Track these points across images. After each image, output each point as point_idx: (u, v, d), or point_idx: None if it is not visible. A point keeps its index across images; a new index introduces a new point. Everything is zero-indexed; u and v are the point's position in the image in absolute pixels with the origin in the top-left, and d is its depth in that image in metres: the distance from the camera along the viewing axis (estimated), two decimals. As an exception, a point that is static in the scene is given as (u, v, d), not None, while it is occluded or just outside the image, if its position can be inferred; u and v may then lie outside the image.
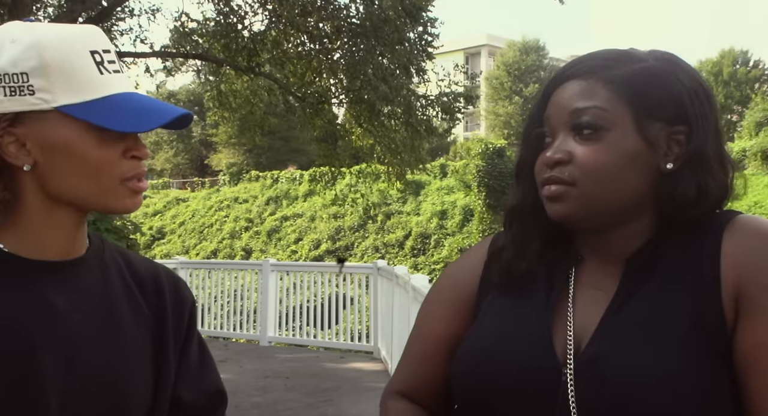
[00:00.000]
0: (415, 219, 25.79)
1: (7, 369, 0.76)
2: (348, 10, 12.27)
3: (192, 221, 31.32)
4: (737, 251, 0.78)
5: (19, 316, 0.78)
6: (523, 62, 38.31)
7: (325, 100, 12.88)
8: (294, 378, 5.86)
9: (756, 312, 0.75)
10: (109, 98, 0.80)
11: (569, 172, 0.81)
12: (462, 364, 0.88)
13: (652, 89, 0.82)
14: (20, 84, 0.76)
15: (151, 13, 13.41)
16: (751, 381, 0.74)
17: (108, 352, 0.84)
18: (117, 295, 0.88)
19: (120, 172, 0.81)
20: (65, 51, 0.78)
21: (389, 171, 13.81)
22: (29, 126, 0.78)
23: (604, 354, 0.78)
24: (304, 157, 33.60)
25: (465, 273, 0.96)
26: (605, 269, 0.85)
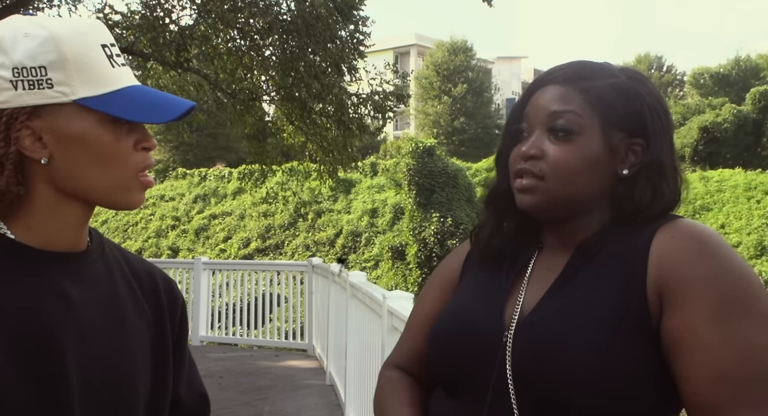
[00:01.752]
0: (346, 218, 25.82)
1: (31, 350, 0.77)
2: (279, 6, 12.17)
3: (115, 219, 30.29)
4: (663, 249, 0.89)
5: (37, 302, 0.79)
6: (452, 62, 38.89)
7: (256, 96, 12.72)
8: (228, 377, 5.81)
9: (677, 301, 0.86)
10: (122, 91, 0.82)
11: (540, 167, 0.93)
12: (430, 333, 1.00)
13: (620, 103, 0.94)
14: (39, 77, 0.77)
15: (72, 4, 12.91)
16: (677, 363, 0.85)
17: (113, 344, 0.86)
18: (119, 289, 0.90)
19: (133, 163, 0.84)
20: (81, 45, 0.80)
21: (321, 169, 13.78)
22: (46, 119, 0.79)
23: (540, 321, 0.90)
24: (233, 154, 33.05)
25: (452, 261, 1.09)
26: (561, 254, 0.97)
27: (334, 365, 5.49)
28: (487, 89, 39.19)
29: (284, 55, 12.19)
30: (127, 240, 28.81)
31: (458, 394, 0.95)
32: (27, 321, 0.79)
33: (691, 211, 19.93)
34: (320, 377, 5.92)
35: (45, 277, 0.82)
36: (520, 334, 0.90)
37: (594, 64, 0.98)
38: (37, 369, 0.78)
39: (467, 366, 0.94)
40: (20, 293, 0.79)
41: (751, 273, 0.88)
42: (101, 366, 0.85)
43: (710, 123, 24.75)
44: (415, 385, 1.05)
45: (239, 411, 4.79)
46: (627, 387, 0.85)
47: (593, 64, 0.98)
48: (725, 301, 0.85)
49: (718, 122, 24.70)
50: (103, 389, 0.85)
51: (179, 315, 1.00)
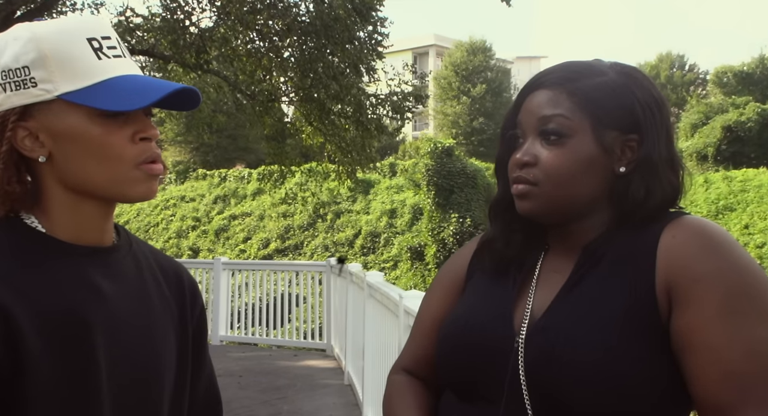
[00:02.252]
0: (365, 218, 25.86)
1: (66, 340, 0.79)
2: (298, 8, 12.22)
3: (137, 220, 30.61)
4: (670, 246, 0.89)
5: (72, 294, 0.81)
6: (471, 62, 38.78)
7: (275, 98, 12.79)
8: (247, 376, 5.84)
9: (686, 301, 0.85)
10: (106, 82, 0.81)
11: (534, 174, 0.93)
12: (439, 337, 1.00)
13: (609, 102, 0.93)
14: (23, 77, 0.79)
15: (94, 7, 13.07)
16: (686, 362, 0.85)
17: (141, 337, 0.88)
18: (147, 285, 0.92)
19: (131, 156, 0.83)
20: (61, 41, 0.80)
21: (339, 170, 13.81)
22: (38, 118, 0.80)
23: (551, 325, 0.89)
24: (253, 155, 33.25)
25: (457, 263, 1.09)
26: (566, 256, 0.96)
27: (352, 365, 5.50)
28: (507, 89, 39.02)
29: (303, 56, 12.24)
30: (148, 241, 28.96)
31: (470, 398, 0.95)
32: (62, 312, 0.80)
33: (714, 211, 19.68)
34: (338, 377, 5.94)
35: (78, 270, 0.84)
36: (532, 339, 0.90)
37: (582, 64, 0.98)
38: (70, 358, 0.80)
39: (479, 371, 0.93)
40: (54, 285, 0.81)
41: (758, 268, 0.87)
42: (130, 357, 0.87)
43: (734, 122, 24.41)
44: (424, 389, 1.05)
45: (258, 410, 4.82)
46: (639, 387, 0.85)
47: (581, 65, 0.97)
48: (731, 298, 0.84)
49: (742, 121, 24.35)
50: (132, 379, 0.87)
51: (198, 315, 1.02)
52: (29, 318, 0.78)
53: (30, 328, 0.77)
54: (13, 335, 0.76)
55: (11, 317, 0.76)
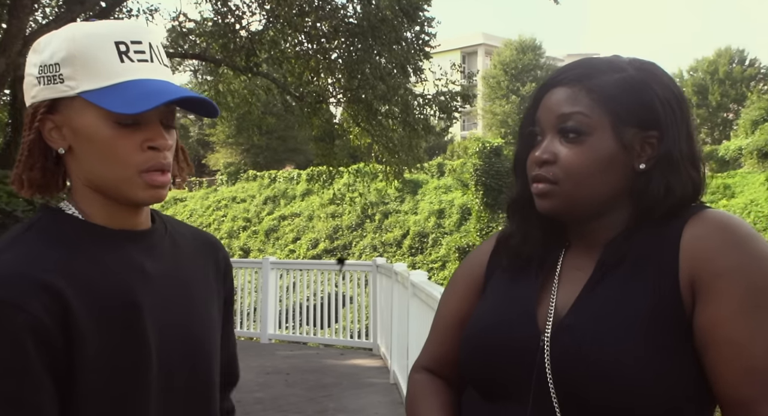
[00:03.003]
0: (413, 219, 25.86)
1: (117, 320, 0.83)
2: (345, 9, 12.32)
3: (190, 221, 31.33)
4: (693, 241, 0.88)
5: (120, 276, 0.86)
6: (520, 61, 38.37)
7: (323, 99, 12.92)
8: (294, 374, 5.92)
9: (709, 296, 0.85)
10: (123, 83, 0.84)
11: (553, 172, 0.93)
12: (463, 339, 1.00)
13: (628, 98, 0.92)
14: (54, 73, 0.84)
15: (149, 13, 13.43)
16: (709, 357, 0.84)
17: (186, 316, 0.92)
18: (186, 262, 0.96)
19: (136, 162, 0.85)
20: (90, 42, 0.84)
21: (387, 170, 13.86)
22: (63, 112, 0.86)
23: (576, 324, 0.89)
24: (302, 156, 33.63)
25: (475, 261, 1.09)
26: (588, 253, 0.96)
27: (398, 363, 5.52)
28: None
29: (350, 57, 12.32)
30: (201, 241, 29.74)
31: (495, 397, 0.95)
32: (113, 296, 0.84)
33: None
34: (384, 375, 5.97)
35: (124, 253, 0.88)
36: (557, 337, 0.90)
37: (601, 60, 0.97)
38: (122, 339, 0.84)
39: (504, 370, 0.93)
40: (104, 271, 0.85)
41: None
42: (176, 333, 0.90)
43: (796, 118, 23.45)
44: (446, 388, 1.05)
45: (305, 407, 4.89)
46: (665, 385, 0.84)
47: (600, 61, 0.96)
48: (754, 292, 0.84)
49: (805, 117, 23.39)
50: (181, 354, 0.91)
51: (229, 290, 1.06)
52: (83, 303, 0.81)
53: (84, 312, 0.81)
54: (69, 321, 0.80)
55: (67, 304, 0.80)
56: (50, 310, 0.79)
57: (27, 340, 0.77)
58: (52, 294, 0.79)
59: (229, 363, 1.07)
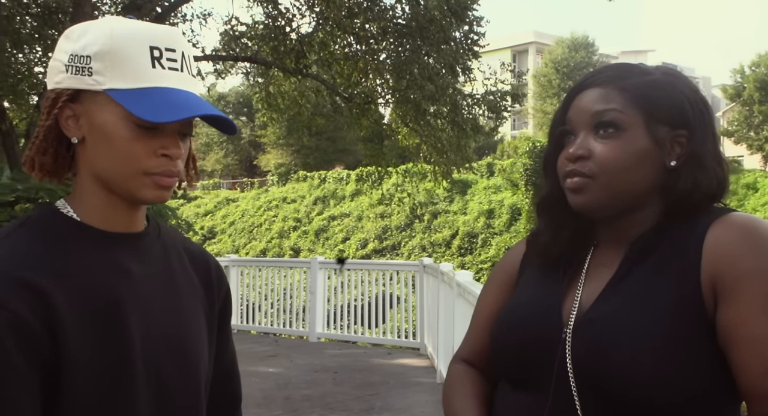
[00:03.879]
0: (462, 219, 25.73)
1: (100, 319, 0.85)
2: (394, 10, 12.36)
3: (242, 221, 31.90)
4: (716, 243, 0.90)
5: (104, 277, 0.87)
6: (572, 59, 37.76)
7: (371, 100, 12.99)
8: (342, 372, 5.99)
9: (731, 297, 0.87)
10: (151, 89, 0.85)
11: (589, 167, 0.95)
12: (494, 331, 1.05)
13: (660, 98, 0.96)
14: (83, 65, 0.85)
15: (202, 18, 13.76)
16: (732, 355, 0.87)
17: (172, 316, 0.94)
18: (174, 267, 0.98)
19: (147, 166, 0.87)
20: (126, 41, 0.85)
21: (435, 170, 13.84)
22: (84, 104, 0.87)
23: (597, 318, 0.92)
24: (351, 156, 33.86)
25: (509, 261, 1.14)
26: (615, 250, 0.99)
27: (444, 363, 5.52)
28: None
29: (398, 58, 12.36)
30: (252, 241, 30.27)
31: (522, 387, 0.99)
32: (96, 294, 0.86)
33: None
34: (431, 375, 5.98)
35: (110, 255, 0.89)
36: (578, 331, 0.93)
37: (629, 64, 1.02)
38: (105, 335, 0.85)
39: (529, 361, 0.97)
40: (90, 271, 0.87)
41: None
42: (162, 334, 0.91)
43: None
44: (480, 377, 1.10)
45: (352, 405, 4.94)
46: (685, 379, 0.86)
47: (628, 65, 1.01)
48: None
49: None
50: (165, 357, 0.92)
51: (224, 297, 1.06)
52: (67, 301, 0.82)
53: (68, 311, 0.82)
54: (53, 319, 0.81)
55: (52, 302, 0.81)
56: (33, 308, 0.80)
57: (7, 337, 0.77)
58: (34, 292, 0.80)
59: (228, 377, 1.07)
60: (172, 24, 13.56)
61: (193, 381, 0.95)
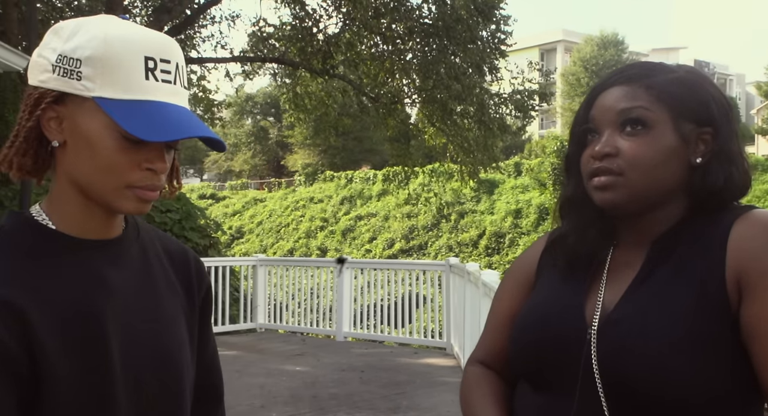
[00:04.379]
0: (489, 218, 25.63)
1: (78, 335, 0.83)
2: (420, 10, 12.36)
3: (269, 221, 32.16)
4: (740, 240, 0.90)
5: (81, 290, 0.85)
6: (601, 57, 37.38)
7: (397, 100, 13.01)
8: (369, 371, 6.01)
9: (755, 292, 0.87)
10: (142, 102, 0.81)
11: (617, 163, 0.94)
12: (514, 332, 1.04)
13: (686, 95, 0.96)
14: (72, 68, 0.81)
15: (231, 20, 13.93)
16: (755, 350, 0.87)
17: (152, 322, 0.92)
18: (153, 269, 0.95)
19: (129, 179, 0.83)
20: (120, 48, 0.81)
21: (462, 170, 13.82)
22: (69, 107, 0.82)
23: (622, 318, 0.92)
24: (378, 156, 33.92)
25: (526, 261, 1.13)
26: (636, 250, 0.98)
27: (471, 364, 5.51)
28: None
29: (425, 58, 12.37)
30: (279, 241, 30.51)
31: (544, 388, 0.98)
32: (73, 307, 0.83)
33: None
34: (457, 375, 5.97)
35: (85, 264, 0.86)
36: (604, 331, 0.93)
37: (653, 63, 1.01)
38: (83, 347, 0.83)
39: (553, 362, 0.97)
40: (65, 283, 0.84)
41: None
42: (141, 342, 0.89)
43: None
44: (498, 379, 1.09)
45: (378, 403, 4.96)
46: (710, 377, 0.86)
47: (652, 63, 1.01)
48: None
49: None
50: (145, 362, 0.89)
51: (204, 295, 1.04)
52: (43, 316, 0.80)
53: (44, 326, 0.80)
54: (29, 336, 0.78)
55: (27, 319, 0.79)
56: (8, 327, 0.77)
57: None
58: (9, 310, 0.78)
59: (208, 371, 1.05)
60: (201, 26, 13.76)
61: (175, 386, 0.93)
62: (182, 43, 13.67)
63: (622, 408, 0.90)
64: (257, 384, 5.37)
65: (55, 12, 12.37)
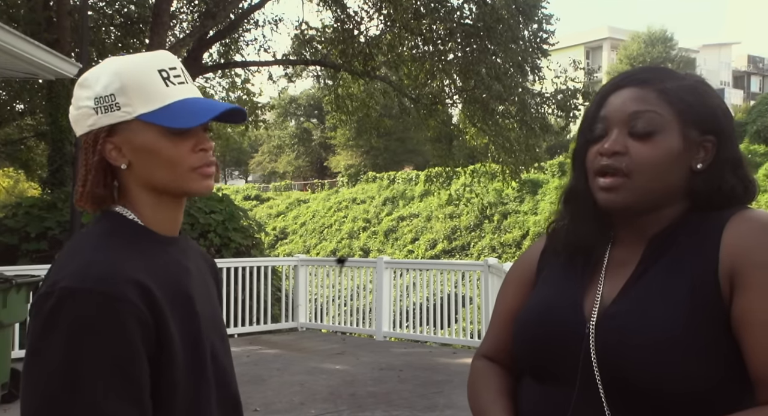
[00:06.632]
0: (533, 219, 25.37)
1: (182, 309, 1.00)
2: (461, 11, 12.35)
3: (312, 222, 32.45)
4: (733, 237, 0.94)
5: (178, 276, 1.03)
6: (649, 54, 36.57)
7: (438, 100, 13.02)
8: (407, 370, 6.05)
9: (746, 286, 0.91)
10: (173, 104, 1.00)
11: (626, 163, 0.98)
12: (515, 328, 1.09)
13: (696, 102, 1.00)
14: (110, 103, 0.99)
15: (273, 24, 14.17)
16: (745, 339, 0.90)
17: (213, 308, 1.10)
18: (200, 265, 1.13)
19: (190, 163, 1.01)
20: (138, 72, 1.00)
21: (504, 170, 13.73)
22: (121, 134, 1.00)
23: (619, 313, 0.96)
24: (420, 157, 33.90)
25: (527, 260, 1.18)
26: (634, 247, 1.02)
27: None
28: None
29: (465, 58, 12.34)
30: (323, 242, 30.77)
31: (546, 381, 1.02)
32: (173, 289, 1.00)
33: None
34: (496, 376, 5.96)
35: (170, 255, 1.04)
36: (601, 326, 0.97)
37: (664, 68, 1.05)
38: (186, 325, 1.00)
39: (553, 355, 1.01)
40: (163, 268, 1.01)
41: None
42: (211, 322, 1.07)
43: None
44: (503, 372, 1.14)
45: (415, 402, 5.00)
46: (704, 368, 0.89)
47: (663, 68, 1.05)
48: None
49: None
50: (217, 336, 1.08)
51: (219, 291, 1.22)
52: (161, 294, 0.96)
53: (163, 303, 0.96)
54: (159, 313, 0.94)
55: (155, 296, 0.94)
56: (145, 303, 0.93)
57: (131, 326, 0.91)
58: (142, 290, 0.93)
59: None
60: (245, 31, 14.01)
61: (231, 364, 1.11)
62: (226, 47, 13.95)
63: (621, 399, 0.93)
64: (297, 381, 5.47)
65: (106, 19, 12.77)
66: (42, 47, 5.99)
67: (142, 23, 12.56)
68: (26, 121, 16.34)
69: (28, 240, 7.55)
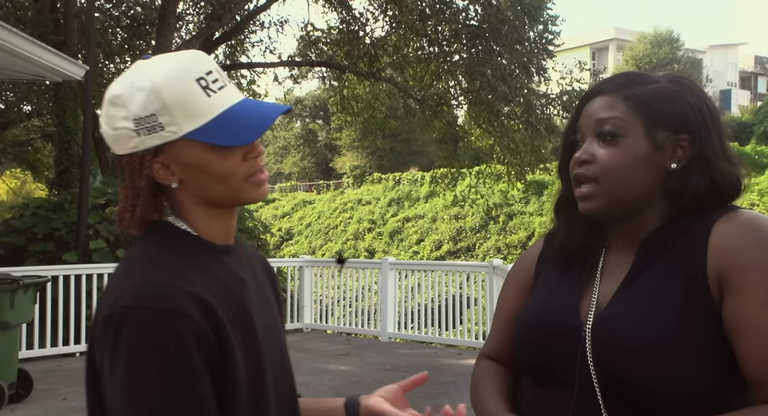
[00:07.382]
0: (539, 220, 25.33)
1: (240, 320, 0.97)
2: (466, 12, 12.36)
3: (318, 222, 32.48)
4: (721, 237, 0.96)
5: (234, 288, 0.99)
6: (655, 55, 36.46)
7: (443, 101, 13.03)
8: (412, 371, 6.05)
9: (735, 289, 0.93)
10: (220, 116, 0.94)
11: (593, 170, 1.02)
12: (515, 329, 1.12)
13: (660, 105, 1.02)
14: (152, 124, 0.93)
15: (279, 25, 14.20)
16: (737, 344, 0.92)
17: (269, 317, 1.07)
18: (256, 271, 1.10)
19: (242, 173, 0.97)
20: (176, 87, 0.93)
21: (509, 171, 13.73)
22: (168, 154, 0.95)
23: (614, 316, 0.98)
24: (426, 158, 33.90)
25: (526, 262, 1.21)
26: (627, 251, 1.05)
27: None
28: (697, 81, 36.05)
29: (471, 59, 12.35)
30: (328, 243, 30.79)
31: (545, 382, 1.05)
32: (230, 300, 0.96)
33: None
34: (501, 377, 5.96)
35: (225, 265, 1.00)
36: (597, 328, 0.99)
37: (637, 73, 1.08)
38: (246, 338, 0.97)
39: (551, 358, 1.03)
40: (218, 279, 0.97)
41: None
42: (269, 333, 1.03)
43: None
44: (505, 372, 1.17)
45: (420, 402, 4.98)
46: (698, 369, 0.91)
47: (636, 74, 1.08)
48: None
49: None
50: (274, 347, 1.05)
51: (277, 293, 1.19)
52: (221, 310, 0.92)
53: (222, 315, 0.92)
54: (220, 327, 0.91)
55: (214, 309, 0.91)
56: (204, 317, 0.90)
57: (193, 343, 0.88)
58: (201, 303, 0.90)
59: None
60: (250, 32, 14.05)
61: (290, 371, 1.09)
62: (232, 49, 13.99)
63: (618, 400, 0.95)
64: (302, 382, 5.47)
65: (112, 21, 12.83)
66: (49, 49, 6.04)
67: (148, 25, 12.62)
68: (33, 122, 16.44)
69: (35, 241, 7.59)
